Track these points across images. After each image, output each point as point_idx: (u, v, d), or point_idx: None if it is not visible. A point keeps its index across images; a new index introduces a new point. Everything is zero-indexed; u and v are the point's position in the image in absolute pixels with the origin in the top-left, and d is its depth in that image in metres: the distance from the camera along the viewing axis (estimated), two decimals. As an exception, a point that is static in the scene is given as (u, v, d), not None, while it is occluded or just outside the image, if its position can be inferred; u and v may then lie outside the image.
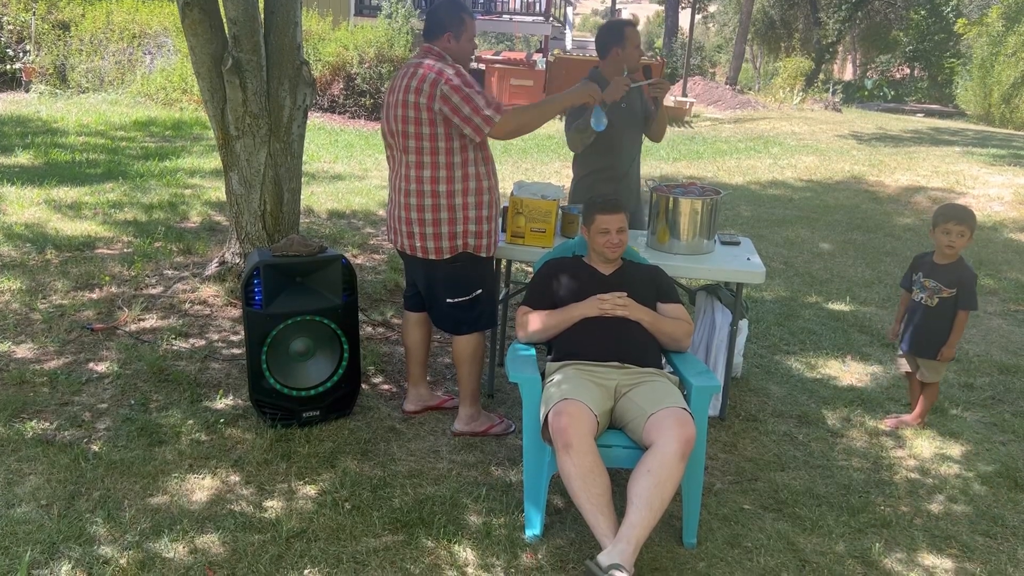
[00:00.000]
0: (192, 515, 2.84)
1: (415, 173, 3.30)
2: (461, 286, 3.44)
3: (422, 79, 3.21)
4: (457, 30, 3.34)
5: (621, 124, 4.11)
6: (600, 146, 4.16)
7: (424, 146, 3.25)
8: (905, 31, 30.67)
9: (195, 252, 5.54)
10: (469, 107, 3.17)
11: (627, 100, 4.12)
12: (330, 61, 13.79)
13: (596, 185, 4.16)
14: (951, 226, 3.64)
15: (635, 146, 4.30)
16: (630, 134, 4.23)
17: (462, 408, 3.61)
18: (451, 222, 3.31)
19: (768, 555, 2.85)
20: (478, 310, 3.49)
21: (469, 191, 3.31)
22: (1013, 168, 10.17)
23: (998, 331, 5.33)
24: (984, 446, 3.73)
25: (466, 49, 3.40)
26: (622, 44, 4.05)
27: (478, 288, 3.46)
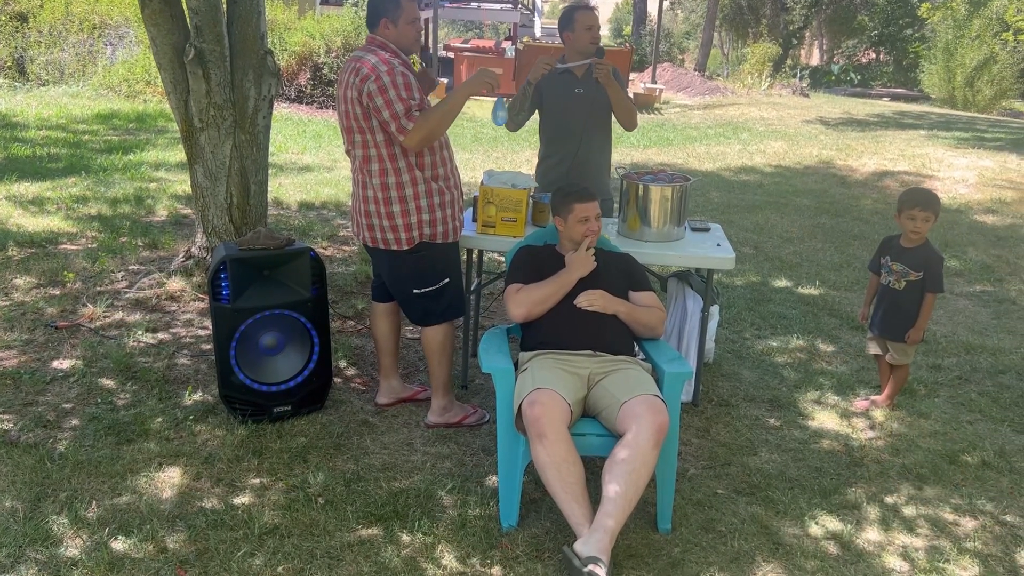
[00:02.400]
0: (161, 514, 2.80)
1: (366, 167, 3.29)
2: (427, 276, 3.41)
3: (357, 73, 3.19)
4: (393, 15, 3.26)
5: (575, 109, 4.08)
6: (551, 130, 4.17)
7: (368, 139, 3.24)
8: (870, 16, 30.92)
9: (161, 246, 5.45)
10: (388, 112, 3.13)
11: (584, 85, 4.07)
12: (296, 51, 13.62)
13: (551, 170, 4.15)
14: (916, 212, 3.67)
15: (595, 132, 4.17)
16: (587, 120, 4.12)
17: (435, 399, 3.59)
18: (404, 214, 3.28)
19: (742, 539, 2.86)
20: (446, 299, 3.46)
21: (417, 180, 3.27)
22: (977, 151, 10.32)
23: (964, 312, 5.41)
24: (952, 426, 3.78)
25: (407, 34, 3.30)
26: (571, 28, 4.02)
27: (445, 277, 3.44)
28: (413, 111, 3.15)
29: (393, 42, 3.29)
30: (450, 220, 3.40)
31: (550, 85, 4.06)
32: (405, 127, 3.14)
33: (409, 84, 3.17)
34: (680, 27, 38.10)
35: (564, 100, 4.09)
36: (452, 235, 3.42)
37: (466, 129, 12.70)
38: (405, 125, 3.13)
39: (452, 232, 3.42)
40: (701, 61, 24.63)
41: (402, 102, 3.13)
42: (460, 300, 3.56)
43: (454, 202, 3.41)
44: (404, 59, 3.28)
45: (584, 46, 4.02)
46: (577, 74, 4.06)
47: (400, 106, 3.13)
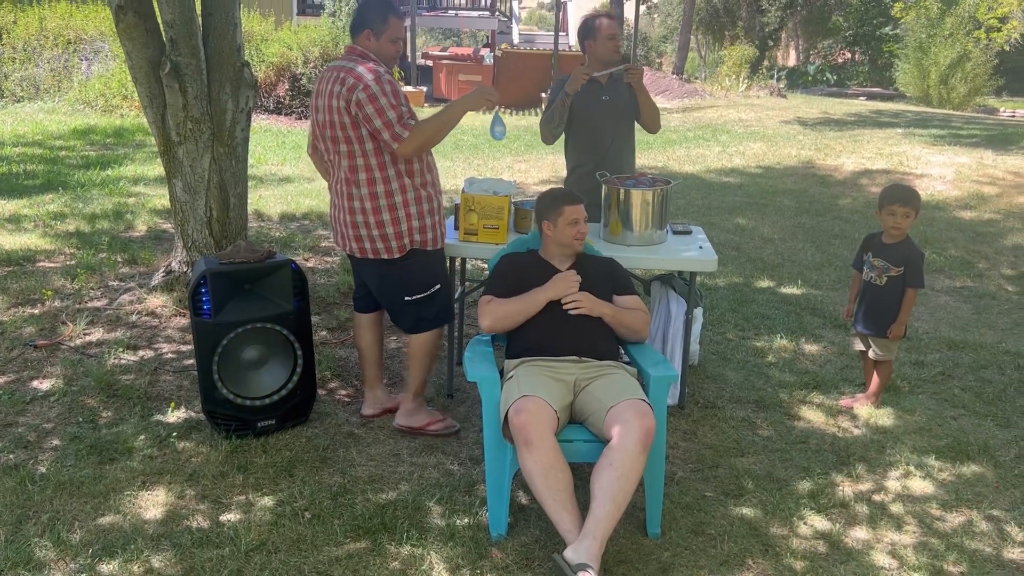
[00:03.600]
0: (146, 534, 2.76)
1: (352, 176, 3.28)
2: (418, 283, 3.41)
3: (343, 83, 3.19)
4: (378, 28, 3.28)
5: (603, 117, 4.10)
6: (583, 140, 4.20)
7: (355, 149, 3.23)
8: (845, 16, 31.21)
9: (140, 262, 5.40)
10: (381, 120, 3.14)
11: (610, 93, 4.09)
12: (274, 62, 13.57)
13: (584, 178, 4.13)
14: (896, 208, 3.70)
15: (622, 139, 4.22)
16: (615, 127, 4.16)
17: (405, 402, 3.58)
18: (395, 222, 3.28)
19: (732, 541, 2.86)
20: (437, 305, 3.47)
21: (407, 188, 3.29)
22: (953, 148, 10.41)
23: (945, 308, 5.45)
24: (936, 422, 3.80)
25: (387, 49, 3.32)
26: (593, 37, 4.09)
27: (436, 283, 3.45)
28: (406, 119, 3.17)
29: (373, 53, 3.30)
30: (438, 227, 3.42)
31: (578, 95, 4.07)
32: (400, 135, 3.15)
33: (397, 92, 3.20)
34: (657, 31, 38.31)
35: (593, 109, 4.10)
36: (440, 241, 3.45)
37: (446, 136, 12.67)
38: (400, 133, 3.15)
39: (440, 238, 3.45)
40: (679, 64, 24.77)
41: (393, 109, 3.14)
42: (450, 305, 3.58)
43: (441, 208, 3.44)
44: (380, 74, 3.27)
45: (607, 55, 4.05)
46: (602, 82, 4.08)
47: (392, 113, 3.14)
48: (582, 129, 4.20)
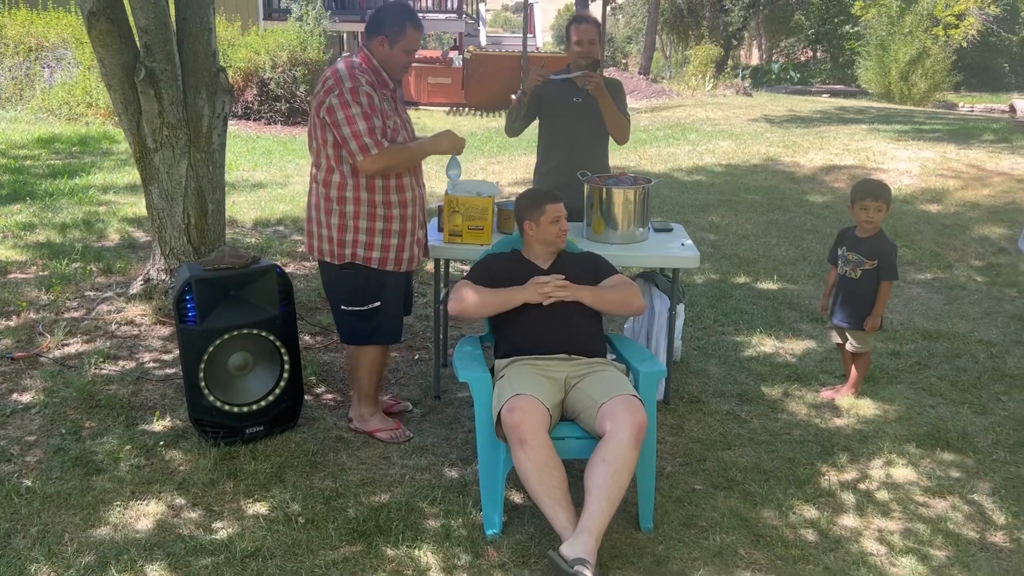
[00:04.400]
0: (138, 544, 2.73)
1: (315, 173, 3.29)
2: (356, 295, 3.36)
3: (324, 82, 3.17)
4: (393, 37, 3.21)
5: (574, 118, 4.13)
6: (553, 140, 4.22)
7: (321, 149, 3.22)
8: (806, 15, 31.70)
9: (117, 271, 5.33)
10: (349, 129, 3.09)
11: (583, 95, 4.10)
12: (242, 67, 13.45)
13: (548, 176, 4.17)
14: (868, 202, 3.78)
15: (594, 141, 4.22)
16: (585, 129, 4.18)
17: (356, 406, 3.57)
18: (341, 228, 3.25)
19: (723, 532, 2.90)
20: (375, 322, 3.38)
21: (361, 201, 3.23)
22: (917, 142, 10.61)
23: (918, 299, 5.56)
24: (915, 410, 3.88)
25: (399, 59, 3.25)
26: (568, 40, 4.14)
27: (375, 301, 3.35)
28: (377, 133, 3.11)
29: (381, 61, 3.25)
30: (392, 249, 3.31)
31: (549, 93, 4.11)
32: (368, 148, 3.10)
33: (375, 107, 3.12)
34: (622, 31, 38.56)
35: (562, 108, 4.13)
36: (392, 264, 3.33)
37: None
38: (368, 146, 3.10)
39: (393, 262, 3.33)
40: (645, 65, 24.96)
41: (365, 120, 3.09)
42: (392, 327, 3.44)
43: (404, 233, 3.32)
44: (382, 79, 3.24)
45: (577, 59, 4.08)
46: (577, 83, 4.10)
47: (363, 125, 3.09)
48: (553, 129, 4.22)
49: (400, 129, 3.28)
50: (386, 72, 3.27)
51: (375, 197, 3.24)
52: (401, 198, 3.29)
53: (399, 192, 3.28)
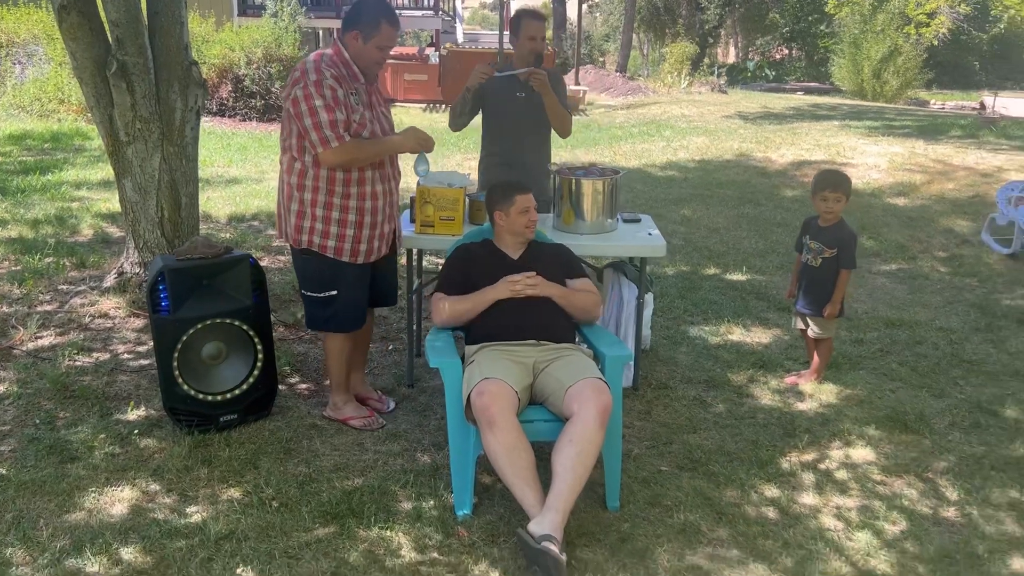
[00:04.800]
0: (113, 528, 2.77)
1: (282, 157, 3.37)
2: (313, 281, 3.42)
3: (292, 73, 3.24)
4: (367, 33, 3.23)
5: (516, 113, 4.20)
6: (496, 133, 4.30)
7: (288, 136, 3.30)
8: (781, 13, 31.97)
9: (90, 265, 5.34)
10: (311, 120, 3.13)
11: (526, 90, 4.17)
12: (216, 63, 13.40)
13: (491, 169, 4.26)
14: (827, 193, 3.89)
15: (533, 135, 4.33)
16: (528, 124, 4.27)
17: (331, 394, 3.65)
18: (299, 215, 3.33)
19: (687, 511, 2.99)
20: (332, 310, 3.44)
21: (319, 190, 3.28)
22: (887, 138, 10.80)
23: (883, 289, 5.69)
24: (876, 394, 4.00)
25: (371, 55, 3.27)
26: (516, 35, 4.18)
27: (332, 289, 3.41)
28: (340, 127, 3.14)
29: (353, 55, 3.28)
30: (348, 240, 3.34)
31: (493, 88, 4.17)
32: (328, 140, 3.14)
33: (336, 98, 3.15)
34: (600, 30, 38.68)
35: (505, 103, 4.19)
36: (348, 255, 3.37)
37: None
38: (328, 138, 3.13)
39: (350, 252, 3.36)
40: (622, 62, 25.08)
41: (327, 112, 3.12)
42: (349, 316, 3.48)
43: (361, 225, 3.35)
44: (352, 72, 3.27)
45: (526, 54, 4.14)
46: (520, 79, 4.16)
47: (325, 117, 3.12)
48: (496, 123, 4.28)
49: (369, 123, 3.31)
50: (359, 66, 3.31)
51: (334, 188, 3.30)
52: (361, 191, 3.32)
53: (359, 185, 3.31)
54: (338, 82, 3.19)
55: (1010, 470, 3.34)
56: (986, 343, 4.70)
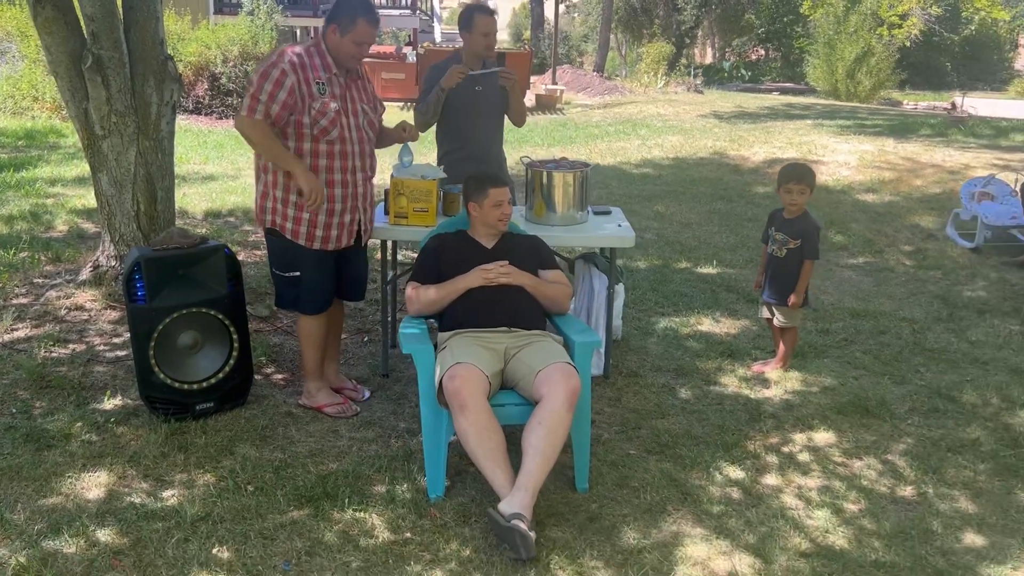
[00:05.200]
0: (90, 511, 2.82)
1: None
2: (279, 260, 3.56)
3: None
4: (344, 27, 3.31)
5: (473, 107, 4.27)
6: (453, 128, 4.35)
7: None
8: (757, 14, 32.27)
9: (65, 259, 5.34)
10: (252, 89, 3.28)
11: (482, 83, 4.25)
12: (192, 61, 13.36)
13: (454, 165, 4.30)
14: (792, 185, 4.01)
15: (492, 129, 4.44)
16: (486, 118, 4.36)
17: (304, 382, 3.73)
18: (263, 196, 3.46)
19: (654, 491, 3.08)
20: (297, 291, 3.56)
21: (280, 172, 3.39)
22: (858, 137, 10.98)
23: (849, 282, 5.82)
24: (840, 381, 4.11)
25: (348, 49, 3.35)
26: (469, 30, 4.21)
27: (295, 270, 3.52)
28: (274, 106, 3.24)
29: (331, 48, 3.36)
30: (304, 224, 3.42)
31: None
32: (252, 110, 3.26)
33: (281, 84, 3.24)
34: (577, 30, 38.84)
35: (466, 98, 4.26)
36: (304, 239, 3.44)
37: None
38: (253, 108, 3.26)
39: (305, 236, 3.44)
40: (599, 62, 25.20)
41: (265, 92, 3.24)
42: (312, 299, 3.57)
43: (317, 211, 3.41)
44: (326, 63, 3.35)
45: (479, 50, 4.21)
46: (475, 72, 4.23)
47: (262, 91, 3.24)
48: (453, 117, 4.33)
49: (336, 114, 3.35)
50: (336, 59, 3.38)
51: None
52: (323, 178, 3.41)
53: (314, 172, 3.38)
54: (301, 69, 3.29)
55: (965, 452, 3.46)
56: (947, 332, 4.83)
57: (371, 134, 3.58)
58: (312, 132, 3.33)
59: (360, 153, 3.50)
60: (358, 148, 3.47)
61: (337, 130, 3.37)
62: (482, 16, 4.20)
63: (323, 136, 3.35)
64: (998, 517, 3.01)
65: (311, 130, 3.33)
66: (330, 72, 3.37)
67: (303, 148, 3.36)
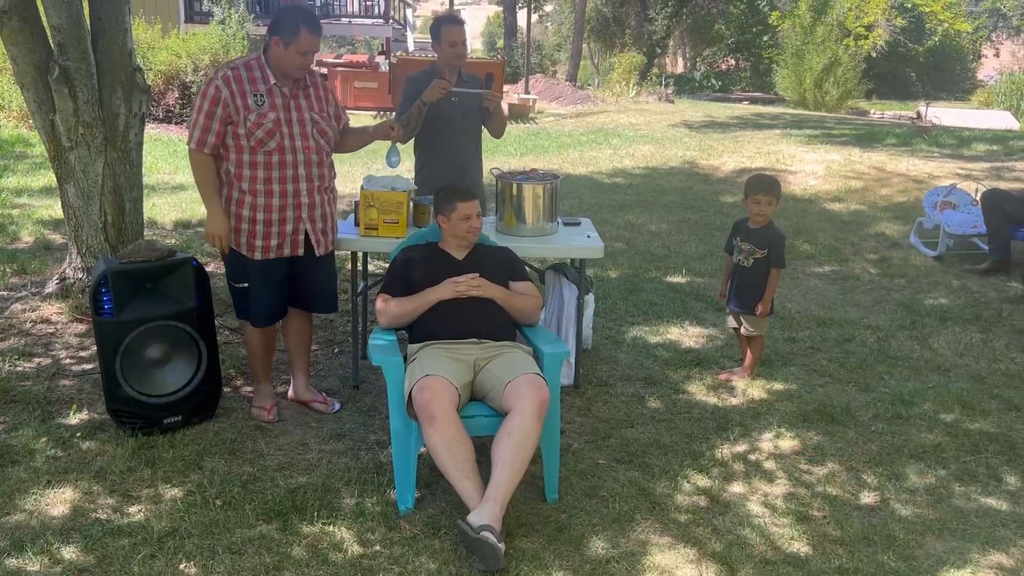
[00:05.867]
0: (54, 528, 2.79)
1: None
2: (231, 270, 3.61)
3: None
4: (287, 38, 3.32)
5: (451, 118, 4.29)
6: (431, 140, 4.36)
7: None
8: (727, 25, 32.64)
9: (31, 271, 5.28)
10: (192, 117, 3.37)
11: (460, 96, 4.28)
12: (162, 70, 13.27)
13: (433, 176, 4.33)
14: (760, 196, 4.07)
15: (470, 140, 4.47)
16: (463, 129, 4.39)
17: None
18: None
19: (623, 501, 3.11)
20: (247, 302, 3.60)
21: (221, 184, 3.47)
22: (825, 146, 11.14)
23: (815, 290, 5.91)
24: (806, 389, 4.17)
25: (292, 60, 3.35)
26: (438, 40, 4.25)
27: (244, 282, 3.57)
28: (209, 136, 3.34)
29: (274, 60, 3.37)
30: (244, 234, 3.46)
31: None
32: (192, 139, 3.40)
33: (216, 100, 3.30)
34: (551, 39, 39.03)
35: (443, 109, 4.27)
36: (246, 249, 3.48)
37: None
38: (193, 137, 3.39)
39: (247, 247, 3.47)
40: (572, 72, 25.38)
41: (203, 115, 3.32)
42: (258, 312, 3.60)
43: (255, 221, 3.43)
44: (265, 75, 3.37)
45: (449, 59, 4.23)
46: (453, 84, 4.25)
47: (200, 118, 3.33)
48: (430, 128, 4.32)
49: (271, 124, 3.35)
50: (281, 71, 3.39)
51: (232, 181, 3.45)
52: (253, 188, 3.42)
53: (252, 183, 3.41)
54: (236, 82, 3.33)
55: (927, 457, 3.53)
56: (911, 340, 4.92)
57: (322, 143, 3.54)
58: (249, 143, 3.36)
59: (306, 163, 3.47)
60: (303, 157, 3.45)
61: (276, 140, 3.38)
62: (448, 26, 4.23)
63: (260, 147, 3.37)
64: (958, 522, 3.07)
65: (248, 141, 3.35)
66: (269, 83, 3.38)
67: (242, 160, 3.38)
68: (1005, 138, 12.61)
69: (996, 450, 3.59)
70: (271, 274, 3.55)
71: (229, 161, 3.41)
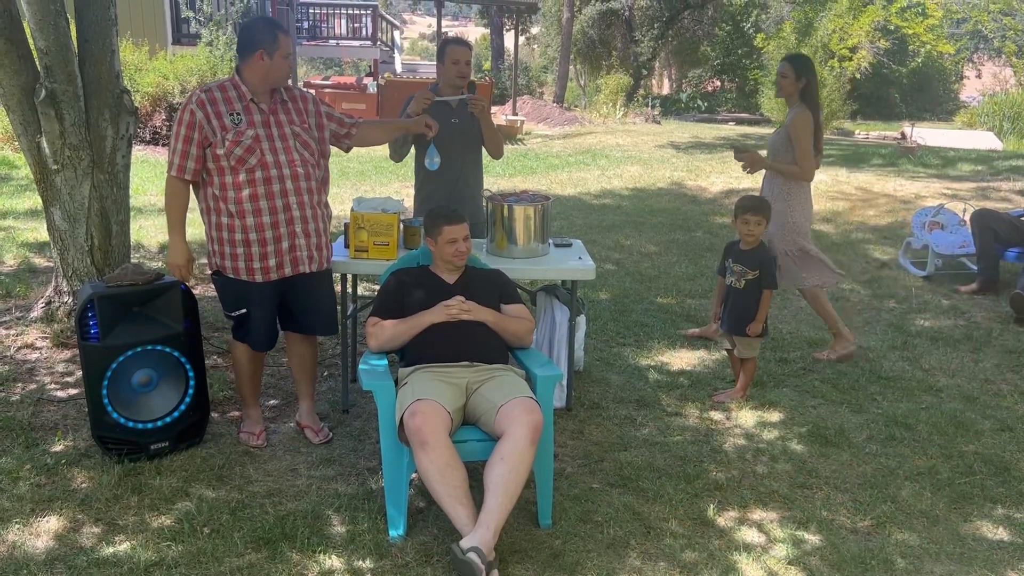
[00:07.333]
0: (38, 559, 2.73)
1: None
2: (224, 300, 3.58)
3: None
4: (270, 48, 3.33)
5: (451, 139, 4.29)
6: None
7: None
8: (712, 47, 32.96)
9: (16, 295, 5.22)
10: (170, 146, 3.35)
11: (459, 116, 4.29)
12: (150, 92, 13.23)
13: (431, 196, 4.33)
14: (749, 216, 4.08)
15: (469, 160, 4.46)
16: (462, 148, 4.39)
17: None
18: (209, 238, 3.50)
19: (617, 526, 3.07)
20: (246, 328, 3.56)
21: (210, 211, 3.44)
22: (811, 167, 11.22)
23: (806, 311, 5.90)
24: (798, 411, 4.16)
25: (281, 67, 3.39)
26: (442, 60, 4.31)
27: (241, 308, 3.52)
28: (189, 161, 3.32)
29: (264, 75, 3.35)
30: (242, 259, 3.42)
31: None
32: (172, 165, 3.36)
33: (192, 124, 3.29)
34: (537, 61, 39.29)
35: (442, 130, 4.26)
36: (245, 273, 3.44)
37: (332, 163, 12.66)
38: (172, 164, 3.35)
39: (246, 271, 3.44)
40: (559, 93, 25.50)
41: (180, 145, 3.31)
42: (259, 336, 3.57)
43: (248, 243, 3.40)
44: (241, 93, 3.36)
45: (452, 79, 4.26)
46: (452, 106, 4.26)
47: (177, 144, 3.32)
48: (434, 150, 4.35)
49: (250, 140, 3.32)
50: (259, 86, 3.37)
51: (220, 207, 3.40)
52: (240, 209, 3.37)
53: (237, 204, 3.37)
54: (211, 103, 3.32)
55: (922, 479, 3.51)
56: (902, 360, 4.92)
57: (306, 155, 3.49)
58: (230, 163, 3.32)
59: (292, 176, 3.43)
60: (288, 171, 3.41)
61: (256, 156, 3.34)
62: (454, 46, 4.30)
63: (241, 165, 3.33)
64: (955, 545, 3.05)
65: (228, 161, 3.31)
66: (246, 100, 3.37)
67: (225, 182, 3.34)
68: (990, 158, 12.75)
69: (990, 471, 3.58)
70: (267, 296, 3.52)
71: (213, 185, 3.37)
